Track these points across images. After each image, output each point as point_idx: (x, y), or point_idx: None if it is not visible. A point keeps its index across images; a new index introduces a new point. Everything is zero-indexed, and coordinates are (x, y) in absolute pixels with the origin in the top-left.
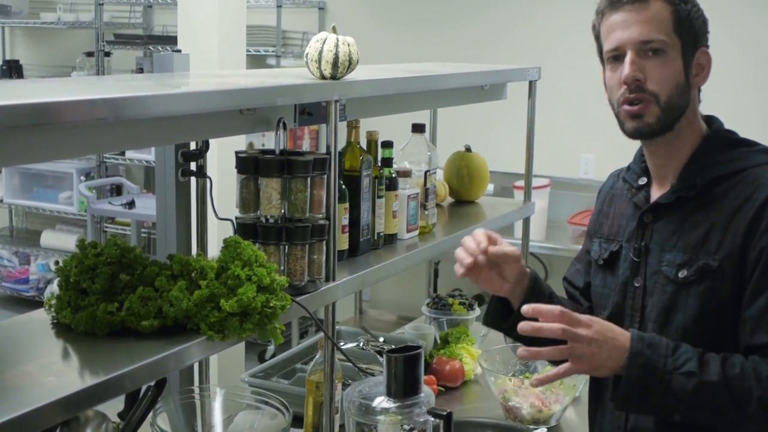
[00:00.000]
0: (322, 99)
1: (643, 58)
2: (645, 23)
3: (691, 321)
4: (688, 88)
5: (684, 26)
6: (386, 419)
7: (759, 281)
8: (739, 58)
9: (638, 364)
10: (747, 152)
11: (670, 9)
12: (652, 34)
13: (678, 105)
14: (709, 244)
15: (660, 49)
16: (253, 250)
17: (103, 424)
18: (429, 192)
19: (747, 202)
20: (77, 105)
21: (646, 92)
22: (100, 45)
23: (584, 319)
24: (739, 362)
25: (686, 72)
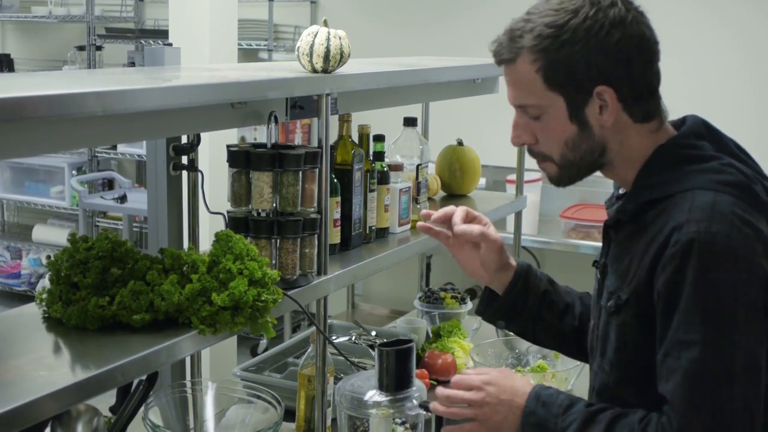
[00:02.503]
0: (313, 93)
1: (527, 119)
2: (515, 86)
3: (613, 354)
4: (588, 136)
5: (561, 79)
6: (378, 413)
7: (661, 326)
8: (739, 58)
9: (531, 423)
10: (689, 172)
11: (537, 66)
12: (522, 99)
13: (579, 157)
14: (628, 275)
15: (535, 114)
16: (245, 243)
17: (95, 418)
18: (421, 186)
19: (657, 235)
20: (68, 98)
21: (538, 154)
22: (92, 39)
23: (476, 383)
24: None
25: (580, 123)
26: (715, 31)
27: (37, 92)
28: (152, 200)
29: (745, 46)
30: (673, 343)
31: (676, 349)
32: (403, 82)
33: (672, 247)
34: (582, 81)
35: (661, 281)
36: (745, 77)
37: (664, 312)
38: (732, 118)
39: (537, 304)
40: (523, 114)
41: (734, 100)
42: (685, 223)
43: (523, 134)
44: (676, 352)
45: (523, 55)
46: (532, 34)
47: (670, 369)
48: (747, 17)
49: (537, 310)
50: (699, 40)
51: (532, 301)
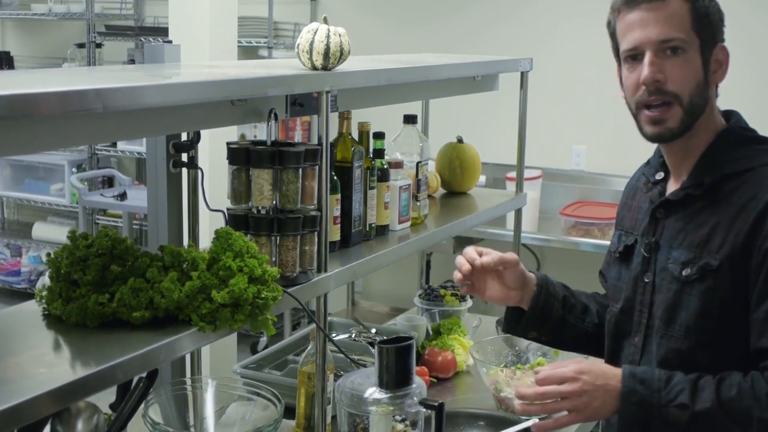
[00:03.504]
0: (313, 90)
1: (662, 58)
2: (663, 22)
3: (692, 320)
4: (707, 86)
5: (702, 23)
6: (378, 410)
7: (764, 285)
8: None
9: (632, 402)
10: (760, 150)
11: (688, 6)
12: (672, 33)
13: (699, 104)
14: (712, 243)
15: (679, 47)
16: (245, 241)
17: (95, 415)
18: (421, 183)
19: (751, 202)
20: (68, 96)
21: (667, 94)
22: (91, 36)
23: (569, 374)
24: (736, 382)
25: (705, 70)
26: None
27: (37, 89)
28: (152, 197)
29: (745, 45)
30: None
31: None
32: (403, 79)
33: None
34: (715, 31)
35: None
36: (745, 77)
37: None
38: None
39: (561, 310)
40: (659, 53)
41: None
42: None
43: (657, 71)
44: None
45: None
46: None
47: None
48: (747, 17)
49: (562, 316)
50: None
51: (557, 307)
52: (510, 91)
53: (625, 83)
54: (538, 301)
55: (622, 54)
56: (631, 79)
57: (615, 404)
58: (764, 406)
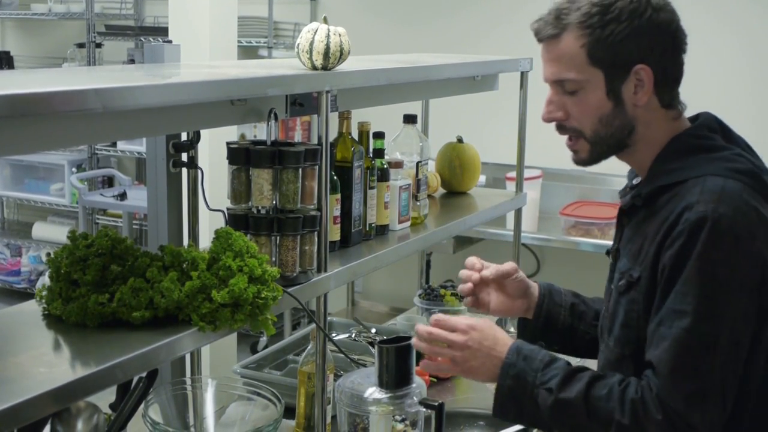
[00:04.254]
0: (313, 90)
1: (561, 95)
2: (555, 61)
3: (618, 330)
4: (621, 113)
5: (603, 55)
6: (378, 410)
7: (659, 297)
8: (739, 57)
9: (510, 374)
10: (702, 160)
11: (582, 42)
12: (562, 74)
13: (610, 134)
14: (641, 255)
15: (572, 89)
16: (245, 241)
17: (95, 415)
18: (421, 183)
19: (669, 216)
20: (67, 95)
21: (569, 129)
22: (91, 36)
23: (461, 326)
24: (610, 383)
25: (615, 99)
26: (715, 31)
27: (37, 89)
28: (152, 197)
29: (745, 45)
30: (668, 312)
31: (669, 318)
32: (403, 79)
33: (681, 225)
34: (623, 58)
35: (667, 255)
36: (745, 77)
37: (665, 283)
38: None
39: (568, 318)
40: (558, 90)
41: (734, 100)
42: (695, 204)
43: (555, 110)
44: (669, 321)
45: (569, 31)
46: (580, 12)
47: (660, 336)
48: (747, 16)
49: (570, 323)
50: (699, 40)
51: (563, 315)
52: (510, 91)
53: None
54: (541, 310)
55: None
56: None
57: (493, 371)
58: (626, 411)
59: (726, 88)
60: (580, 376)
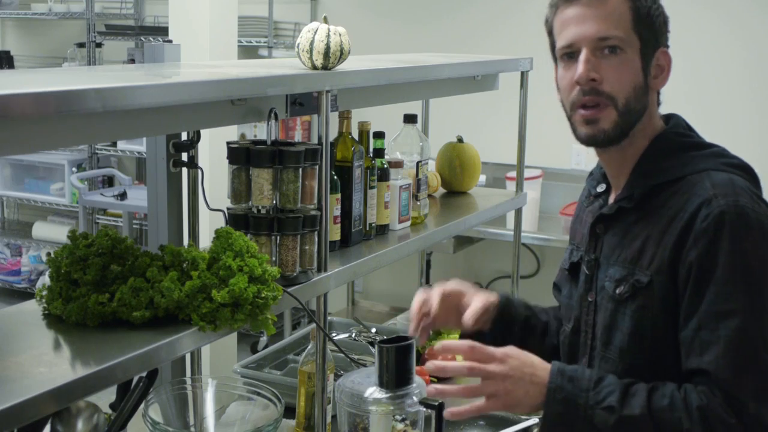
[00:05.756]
0: (313, 89)
1: (599, 57)
2: (602, 19)
3: (626, 341)
4: (646, 91)
5: (644, 23)
6: (378, 410)
7: (690, 301)
8: (739, 57)
9: (558, 399)
10: (693, 157)
11: (629, 4)
12: (610, 31)
13: (636, 109)
14: (643, 258)
15: (617, 46)
16: (245, 240)
17: (95, 415)
18: (421, 183)
19: (678, 213)
20: (67, 95)
21: (602, 94)
22: (92, 36)
23: (499, 354)
24: (669, 392)
25: (645, 73)
26: (715, 30)
27: (37, 89)
28: (152, 197)
29: (744, 45)
30: (709, 315)
31: (713, 320)
32: (403, 79)
33: (703, 222)
34: (658, 34)
35: (693, 255)
36: (745, 77)
37: (696, 285)
38: (732, 117)
39: (520, 331)
40: (596, 52)
41: (734, 100)
42: (713, 198)
43: (592, 70)
44: (713, 323)
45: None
46: None
47: (705, 342)
48: (747, 16)
49: (521, 338)
50: (699, 39)
51: (517, 329)
52: (510, 91)
53: (560, 83)
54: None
55: (558, 52)
56: (566, 79)
57: (539, 398)
58: (695, 420)
59: (726, 88)
60: (637, 389)
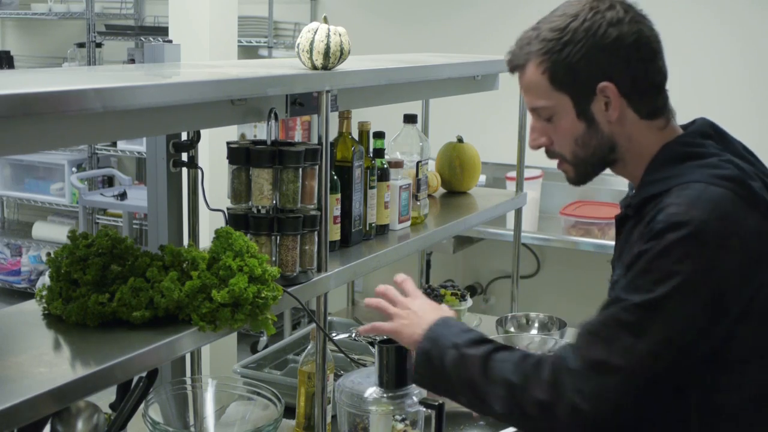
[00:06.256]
0: (313, 89)
1: (540, 122)
2: (526, 91)
3: None
4: (596, 133)
5: (565, 80)
6: (378, 410)
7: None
8: (739, 57)
9: (428, 337)
10: (690, 167)
11: (543, 68)
12: (534, 102)
13: (590, 154)
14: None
15: (546, 116)
16: (245, 240)
17: (95, 415)
18: (421, 183)
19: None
20: (67, 95)
21: (554, 153)
22: (92, 36)
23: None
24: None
25: (587, 120)
26: (715, 30)
27: (37, 89)
28: (152, 197)
29: (744, 44)
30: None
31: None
32: (403, 79)
33: (651, 224)
34: (584, 79)
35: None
36: (744, 76)
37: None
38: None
39: None
40: (537, 117)
41: (734, 99)
42: (669, 206)
43: (539, 137)
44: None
45: (532, 59)
46: (538, 39)
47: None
48: (747, 15)
49: None
50: (699, 39)
51: None
52: (510, 91)
53: None
54: None
55: None
56: None
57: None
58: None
59: (726, 88)
60: (495, 343)
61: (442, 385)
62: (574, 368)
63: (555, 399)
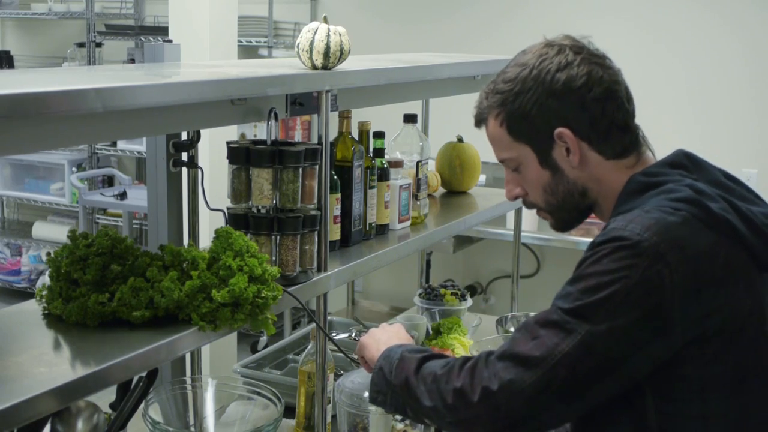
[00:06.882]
0: (313, 89)
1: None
2: (492, 144)
3: None
4: (562, 179)
5: (522, 129)
6: (378, 410)
7: None
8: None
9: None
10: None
11: (500, 120)
12: (500, 154)
13: (561, 200)
14: None
15: (513, 166)
16: (245, 240)
17: (95, 414)
18: (421, 182)
19: None
20: (67, 95)
21: (531, 204)
22: (91, 36)
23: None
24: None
25: (551, 167)
26: (715, 30)
27: (37, 89)
28: (152, 197)
29: (744, 45)
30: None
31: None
32: (403, 79)
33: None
34: (540, 126)
35: None
36: (745, 77)
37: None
38: (732, 117)
39: None
40: (507, 169)
41: (734, 99)
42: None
43: (513, 188)
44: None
45: (490, 113)
46: (494, 92)
47: None
48: (747, 16)
49: None
50: (699, 39)
51: None
52: None
53: None
54: None
55: None
56: None
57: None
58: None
59: (726, 88)
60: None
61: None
62: (495, 358)
63: (470, 384)
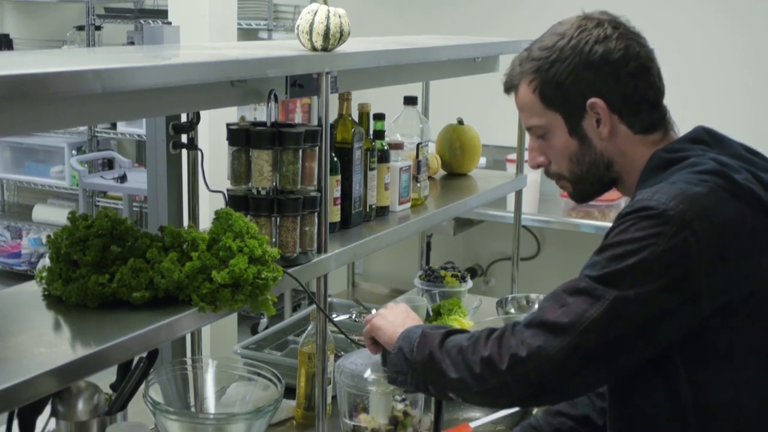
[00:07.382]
0: (313, 71)
1: (538, 141)
2: (521, 111)
3: None
4: (589, 149)
5: (555, 97)
6: (378, 390)
7: None
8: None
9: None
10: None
11: (533, 87)
12: (528, 121)
13: (585, 171)
14: None
15: (540, 134)
16: (245, 221)
17: (95, 395)
18: (421, 164)
19: None
20: (66, 76)
21: (553, 173)
22: (91, 19)
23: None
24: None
25: (579, 137)
26: (715, 30)
27: (36, 69)
28: (152, 179)
29: (744, 44)
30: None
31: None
32: (404, 61)
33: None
34: (574, 96)
35: None
36: (745, 76)
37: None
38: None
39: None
40: (533, 136)
41: (734, 99)
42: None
43: (537, 156)
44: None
45: (523, 79)
46: (529, 58)
47: None
48: (747, 15)
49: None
50: (699, 39)
51: None
52: None
53: None
54: None
55: None
56: None
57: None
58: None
59: (726, 87)
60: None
61: (411, 373)
62: (522, 326)
63: (498, 353)
